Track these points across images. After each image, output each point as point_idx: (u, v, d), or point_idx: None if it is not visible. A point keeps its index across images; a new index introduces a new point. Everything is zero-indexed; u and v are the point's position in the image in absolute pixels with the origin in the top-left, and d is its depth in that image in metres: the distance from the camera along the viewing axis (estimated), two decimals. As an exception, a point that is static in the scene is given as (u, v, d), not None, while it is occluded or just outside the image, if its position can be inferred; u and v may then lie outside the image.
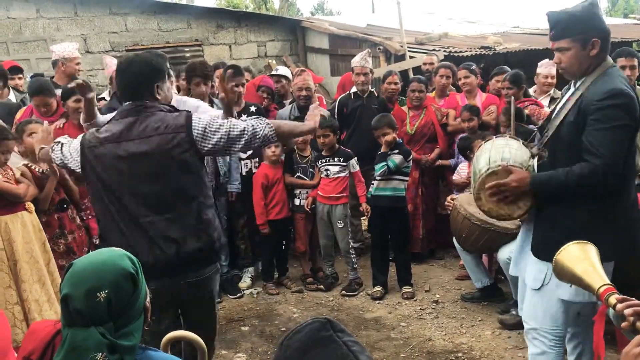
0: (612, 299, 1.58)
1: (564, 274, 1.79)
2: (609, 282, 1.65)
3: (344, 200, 5.06)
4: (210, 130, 2.74)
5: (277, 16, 11.96)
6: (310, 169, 5.23)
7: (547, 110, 4.68)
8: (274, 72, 6.43)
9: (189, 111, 2.84)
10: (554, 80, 5.37)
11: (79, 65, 5.64)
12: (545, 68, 5.39)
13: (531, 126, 4.07)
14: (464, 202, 4.31)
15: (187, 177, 2.76)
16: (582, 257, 1.75)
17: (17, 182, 3.94)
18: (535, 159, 2.81)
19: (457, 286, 5.13)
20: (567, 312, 2.76)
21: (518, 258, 3.04)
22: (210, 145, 2.75)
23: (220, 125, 2.76)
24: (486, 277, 4.68)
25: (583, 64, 2.67)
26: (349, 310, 4.82)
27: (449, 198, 4.75)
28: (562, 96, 2.90)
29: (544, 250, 2.71)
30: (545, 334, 2.81)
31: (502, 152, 2.82)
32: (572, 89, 2.79)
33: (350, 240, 5.16)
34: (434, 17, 12.30)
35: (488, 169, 2.77)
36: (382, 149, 4.86)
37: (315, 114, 3.14)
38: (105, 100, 5.33)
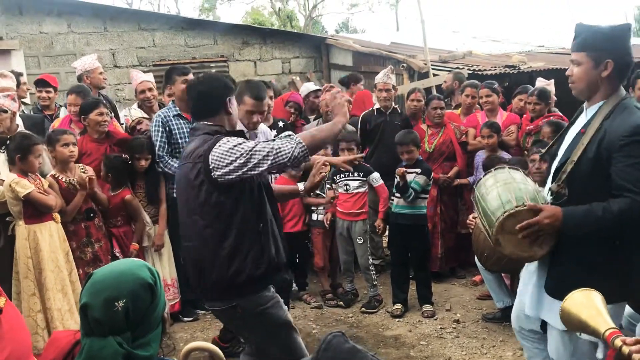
0: (618, 341, 1.60)
1: (571, 322, 1.79)
2: (614, 325, 1.66)
3: (363, 217, 5.05)
4: (226, 158, 2.66)
5: (302, 33, 12.07)
6: (327, 185, 5.24)
7: None
8: (313, 88, 6.44)
9: (220, 136, 2.75)
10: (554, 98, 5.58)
11: (102, 74, 5.71)
12: (547, 86, 5.65)
13: None
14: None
15: (205, 208, 2.74)
16: (586, 303, 1.75)
17: (46, 192, 4.04)
18: (549, 195, 2.68)
19: (478, 306, 5.07)
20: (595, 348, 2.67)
21: (537, 292, 2.81)
22: (222, 173, 2.66)
23: (238, 151, 2.66)
24: (508, 297, 4.61)
25: (591, 84, 2.57)
26: (368, 327, 4.78)
27: (470, 217, 4.71)
28: (573, 122, 2.78)
29: (564, 289, 2.60)
30: None
31: (512, 189, 2.71)
32: (585, 117, 2.66)
33: (369, 257, 5.14)
34: (458, 36, 12.30)
35: (505, 212, 2.63)
36: (400, 181, 4.79)
37: (339, 104, 2.92)
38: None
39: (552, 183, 2.69)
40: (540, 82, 5.85)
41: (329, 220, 5.15)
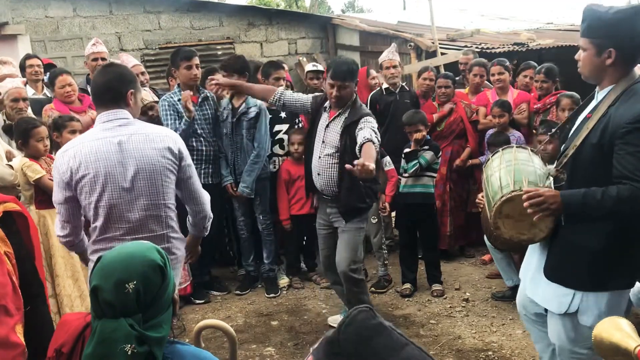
0: None
1: (603, 345, 1.83)
2: None
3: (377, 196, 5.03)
4: None
5: (308, 14, 11.98)
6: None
7: None
8: (313, 69, 6.34)
9: None
10: None
11: (99, 60, 5.53)
12: None
13: None
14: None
15: None
16: (616, 327, 1.80)
17: None
18: (552, 179, 2.65)
19: (487, 284, 5.08)
20: None
21: (536, 277, 2.80)
22: None
23: None
24: (517, 276, 4.59)
25: (595, 72, 2.52)
26: (378, 307, 4.80)
27: (479, 196, 4.69)
28: (583, 107, 2.74)
29: (562, 273, 2.60)
30: (582, 350, 2.67)
31: (513, 171, 2.68)
32: (594, 102, 2.61)
33: (382, 236, 5.14)
34: (466, 14, 12.16)
35: (502, 197, 2.62)
36: (412, 147, 4.84)
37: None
38: None
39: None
40: None
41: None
